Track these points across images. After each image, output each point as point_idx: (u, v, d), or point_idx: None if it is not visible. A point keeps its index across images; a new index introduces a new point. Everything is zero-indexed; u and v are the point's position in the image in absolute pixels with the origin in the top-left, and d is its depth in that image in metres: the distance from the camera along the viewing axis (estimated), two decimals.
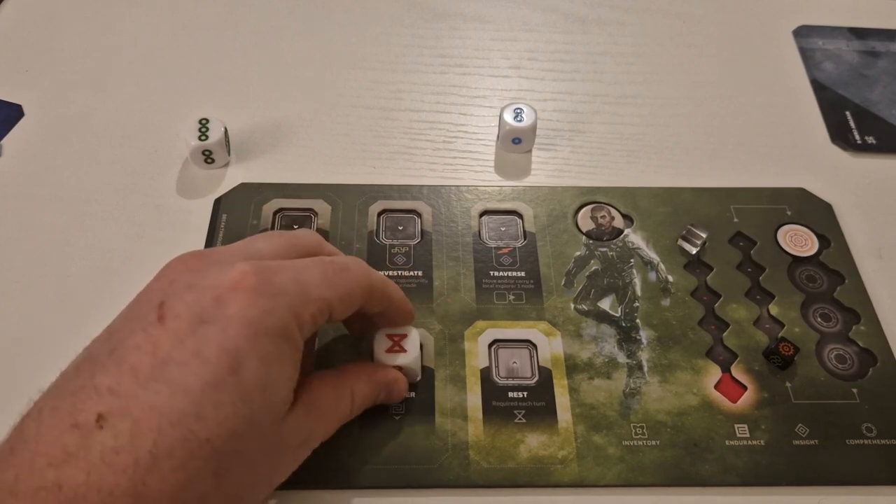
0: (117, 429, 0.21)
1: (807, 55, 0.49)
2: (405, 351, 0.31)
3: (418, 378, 0.32)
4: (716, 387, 0.33)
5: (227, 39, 0.48)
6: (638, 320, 0.35)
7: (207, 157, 0.40)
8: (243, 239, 0.28)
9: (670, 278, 0.36)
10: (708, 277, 0.36)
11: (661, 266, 0.37)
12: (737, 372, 0.33)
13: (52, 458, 0.20)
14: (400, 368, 0.31)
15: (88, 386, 0.22)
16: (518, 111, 0.41)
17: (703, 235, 0.37)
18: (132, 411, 0.21)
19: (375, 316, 0.30)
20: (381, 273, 0.29)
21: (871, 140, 0.44)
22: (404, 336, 0.31)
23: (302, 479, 0.29)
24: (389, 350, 0.31)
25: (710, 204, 0.39)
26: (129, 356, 0.22)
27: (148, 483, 0.20)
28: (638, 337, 0.34)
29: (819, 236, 0.38)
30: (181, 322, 0.23)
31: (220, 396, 0.22)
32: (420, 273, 0.36)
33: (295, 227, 0.37)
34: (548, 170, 0.42)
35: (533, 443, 0.31)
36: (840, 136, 0.44)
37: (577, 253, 0.37)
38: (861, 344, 0.34)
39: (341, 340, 0.33)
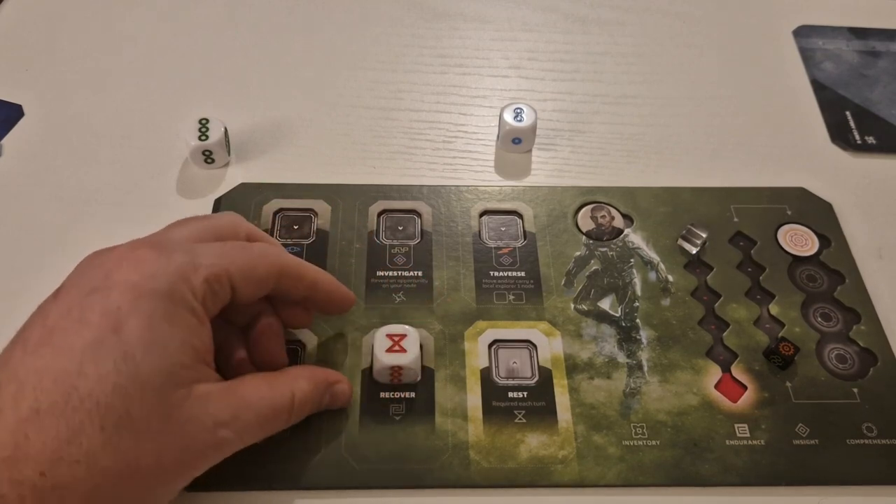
0: (3, 392, 0.22)
1: (807, 55, 0.49)
2: (405, 351, 0.31)
3: (418, 378, 0.32)
4: (716, 386, 0.33)
5: (227, 39, 0.48)
6: (638, 320, 0.35)
7: (207, 157, 0.40)
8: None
9: (670, 278, 0.36)
10: (708, 277, 0.36)
11: (661, 266, 0.37)
12: (737, 372, 0.33)
13: None
14: (400, 368, 0.31)
15: (4, 361, 0.23)
16: (518, 111, 0.41)
17: (703, 235, 0.37)
18: (18, 375, 0.22)
19: (305, 302, 0.30)
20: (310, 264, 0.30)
21: (871, 140, 0.44)
22: (404, 336, 0.31)
23: (302, 479, 0.29)
24: (389, 350, 0.31)
25: (710, 204, 0.39)
26: (24, 332, 0.24)
27: (29, 435, 0.21)
28: (638, 337, 0.34)
29: (819, 236, 0.38)
30: (71, 295, 0.24)
31: (102, 353, 0.22)
32: (420, 273, 0.36)
33: (295, 227, 0.37)
34: (548, 170, 0.42)
35: (533, 443, 0.31)
36: (840, 135, 0.44)
37: (577, 253, 0.37)
38: (861, 344, 0.34)
39: (340, 339, 0.33)
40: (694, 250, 0.37)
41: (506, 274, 0.36)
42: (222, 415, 0.25)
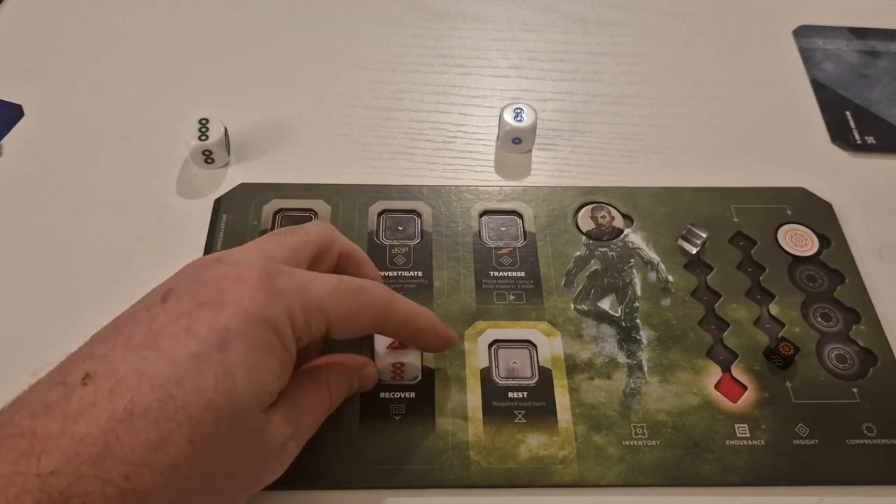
0: (99, 385, 0.22)
1: (807, 55, 0.49)
2: (405, 348, 0.31)
3: (419, 376, 0.32)
4: (716, 387, 0.33)
5: (227, 39, 0.48)
6: (638, 320, 0.35)
7: (207, 157, 0.40)
8: (254, 240, 0.28)
9: (670, 278, 0.36)
10: (708, 277, 0.36)
11: (662, 266, 0.37)
12: (737, 372, 0.33)
13: (34, 410, 0.21)
14: (402, 365, 0.31)
15: (85, 354, 0.23)
16: (518, 111, 0.41)
17: (704, 235, 0.37)
18: (116, 372, 0.22)
19: (406, 341, 0.31)
20: (413, 303, 0.29)
21: (871, 140, 0.44)
22: None
23: (302, 479, 0.29)
24: (390, 347, 0.31)
25: (710, 204, 0.39)
26: (127, 329, 0.23)
27: (120, 436, 0.21)
28: (638, 337, 0.34)
29: (819, 236, 0.38)
30: (181, 303, 0.24)
31: (203, 367, 0.23)
32: (420, 273, 0.36)
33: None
34: (548, 170, 0.42)
35: (533, 443, 0.31)
36: (840, 135, 0.44)
37: (577, 253, 0.37)
38: (861, 343, 0.34)
39: (340, 340, 0.33)
40: (694, 250, 0.37)
41: (506, 274, 0.36)
42: (290, 431, 0.26)
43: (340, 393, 0.29)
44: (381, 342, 0.31)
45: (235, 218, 0.38)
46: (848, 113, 0.45)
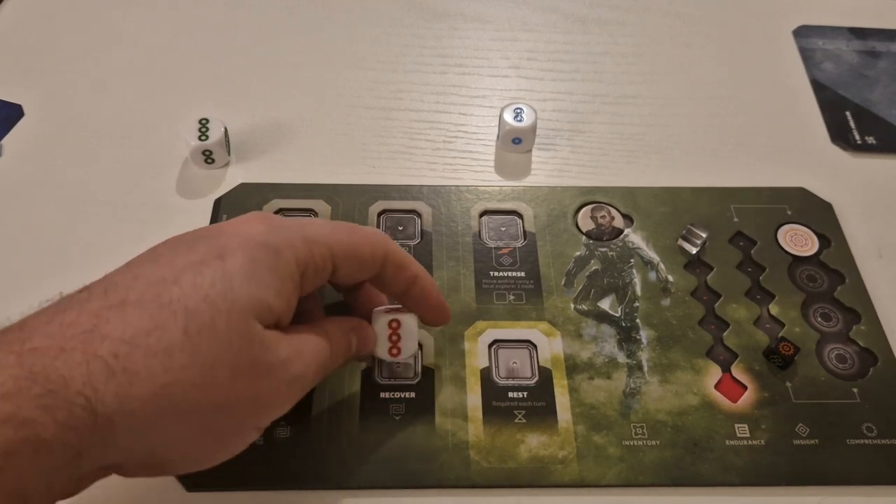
0: (94, 288, 0.23)
1: (807, 55, 0.49)
2: (402, 311, 0.30)
3: (414, 349, 0.31)
4: (716, 386, 0.33)
5: (227, 39, 0.48)
6: (638, 320, 0.35)
7: (207, 157, 0.40)
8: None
9: (670, 278, 0.36)
10: (708, 277, 0.36)
11: (661, 266, 0.37)
12: (737, 372, 0.33)
13: (28, 315, 0.23)
14: (398, 325, 0.30)
15: (105, 277, 0.24)
16: (518, 111, 0.41)
17: (703, 235, 0.37)
18: (114, 279, 0.24)
19: (400, 298, 0.30)
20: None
21: (871, 140, 0.44)
22: (398, 306, 0.31)
23: (302, 479, 0.29)
24: (387, 311, 0.30)
25: (710, 204, 0.39)
26: (140, 255, 0.25)
27: (110, 319, 0.22)
28: (638, 337, 0.34)
29: (819, 236, 0.38)
30: (182, 237, 0.25)
31: (201, 269, 0.23)
32: None
33: None
34: (548, 170, 0.42)
35: (533, 443, 0.31)
36: (840, 136, 0.44)
37: (577, 253, 0.37)
38: (861, 343, 0.34)
39: None
40: (694, 250, 0.37)
41: (506, 274, 0.36)
42: (291, 352, 0.25)
43: (340, 346, 0.29)
44: (378, 310, 0.31)
45: None
46: (848, 113, 0.45)
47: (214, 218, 0.38)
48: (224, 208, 0.38)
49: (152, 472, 0.25)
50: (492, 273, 0.36)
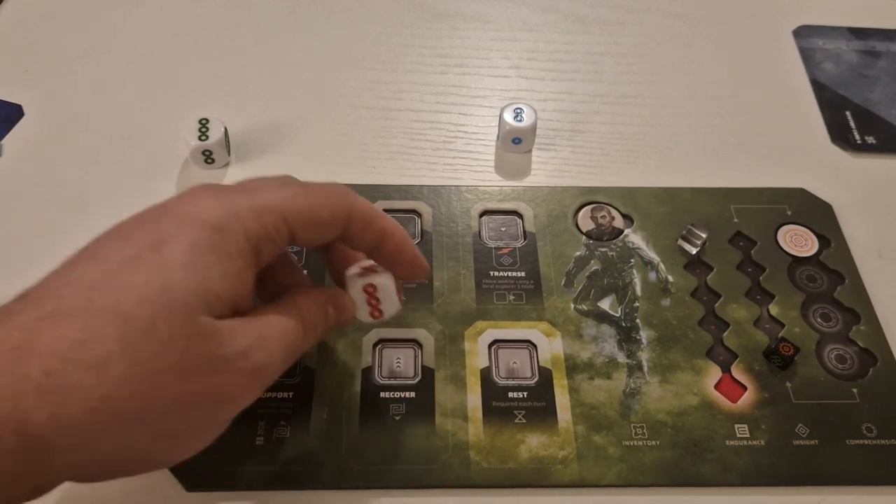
0: (27, 297, 0.22)
1: (807, 55, 0.49)
2: (377, 272, 0.29)
3: (399, 308, 0.29)
4: (716, 387, 0.33)
5: (227, 39, 0.48)
6: (638, 320, 0.35)
7: (207, 157, 0.40)
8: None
9: (670, 278, 0.36)
10: (708, 277, 0.36)
11: (661, 266, 0.37)
12: (737, 372, 0.33)
13: None
14: (374, 289, 0.28)
15: (42, 281, 0.23)
16: (518, 111, 0.41)
17: (703, 235, 0.37)
18: (49, 284, 0.22)
19: (371, 255, 0.28)
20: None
21: (871, 140, 0.44)
22: (374, 266, 0.29)
23: (302, 479, 0.29)
24: (360, 275, 0.29)
25: (710, 204, 0.39)
26: (81, 250, 0.24)
27: (41, 333, 0.20)
28: (638, 337, 0.34)
29: (819, 236, 0.38)
30: (126, 224, 0.24)
31: (135, 265, 0.22)
32: None
33: None
34: (548, 170, 0.42)
35: (533, 443, 0.31)
36: (840, 136, 0.44)
37: (577, 253, 0.37)
38: (861, 344, 0.34)
39: (340, 339, 0.33)
40: (694, 250, 0.37)
41: (506, 274, 0.36)
42: (249, 341, 0.23)
43: (315, 321, 0.27)
44: (351, 274, 0.29)
45: None
46: (848, 113, 0.45)
47: None
48: None
49: (112, 477, 0.24)
50: (492, 273, 0.36)
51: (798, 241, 0.38)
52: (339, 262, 0.30)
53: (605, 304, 0.35)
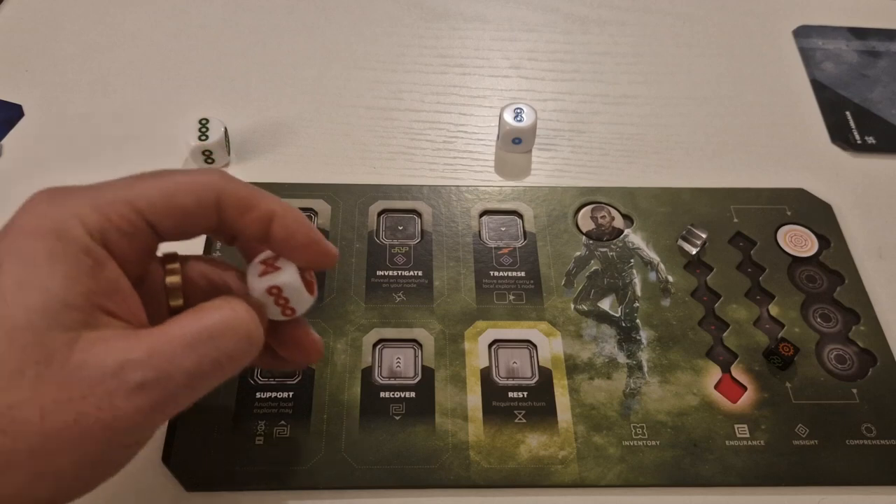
0: None
1: (807, 55, 0.49)
2: (279, 269, 0.25)
3: (313, 298, 0.26)
4: (716, 387, 0.33)
5: (227, 39, 0.48)
6: (638, 320, 0.35)
7: (207, 157, 0.40)
8: None
9: (670, 278, 0.36)
10: (708, 278, 0.36)
11: (661, 266, 0.37)
12: (737, 372, 0.33)
13: None
14: (279, 290, 0.25)
15: None
16: (518, 111, 0.41)
17: (703, 236, 0.37)
18: None
19: (264, 245, 0.25)
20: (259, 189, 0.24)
21: (871, 140, 0.44)
22: (276, 258, 0.25)
23: (301, 479, 0.29)
24: (261, 273, 0.25)
25: (710, 204, 0.39)
26: None
27: None
28: (638, 337, 0.34)
29: (819, 236, 0.38)
30: None
31: None
32: (420, 273, 0.36)
33: None
34: (548, 170, 0.42)
35: (533, 443, 0.31)
36: (840, 136, 0.44)
37: (578, 253, 0.37)
38: (861, 344, 0.34)
39: (339, 339, 0.33)
40: (694, 251, 0.37)
41: (506, 274, 0.36)
42: (131, 354, 0.20)
43: (218, 321, 0.23)
44: (252, 273, 0.25)
45: None
46: (848, 113, 0.45)
47: None
48: None
49: None
50: (492, 273, 0.36)
51: (798, 241, 0.38)
52: (250, 258, 0.26)
53: (605, 305, 0.35)
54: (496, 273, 0.36)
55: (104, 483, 0.24)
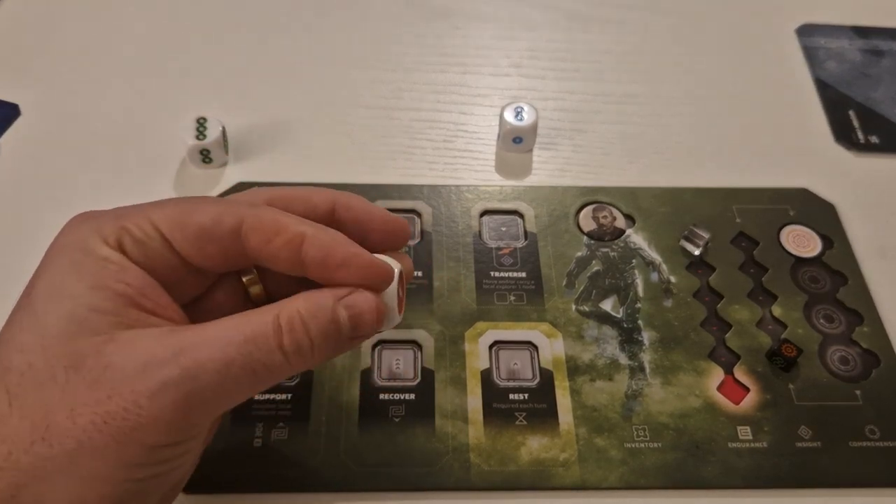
0: None
1: (810, 54, 0.48)
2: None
3: (398, 320, 0.25)
4: (718, 388, 0.32)
5: (226, 38, 0.48)
6: (640, 321, 0.34)
7: (205, 156, 0.39)
8: None
9: (672, 279, 0.36)
10: (710, 278, 0.36)
11: (663, 267, 0.36)
12: (739, 373, 0.33)
13: None
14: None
15: None
16: (519, 110, 0.41)
17: (706, 236, 0.37)
18: None
19: (303, 274, 0.23)
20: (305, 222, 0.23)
21: (874, 139, 0.43)
22: None
23: (300, 482, 0.29)
24: None
25: (713, 204, 0.39)
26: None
27: None
28: (640, 338, 0.34)
29: (822, 237, 0.38)
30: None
31: (12, 319, 0.21)
32: (420, 274, 0.36)
33: None
34: (549, 169, 0.41)
35: (534, 445, 0.30)
36: (843, 135, 0.43)
37: (579, 253, 0.37)
38: (864, 345, 0.34)
39: None
40: (696, 251, 0.37)
41: (506, 274, 0.36)
42: (156, 353, 0.20)
43: (300, 323, 0.22)
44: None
45: None
46: (851, 112, 0.45)
47: None
48: None
49: None
50: (492, 273, 0.36)
51: (801, 241, 0.38)
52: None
53: (607, 305, 0.35)
54: (497, 273, 0.36)
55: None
